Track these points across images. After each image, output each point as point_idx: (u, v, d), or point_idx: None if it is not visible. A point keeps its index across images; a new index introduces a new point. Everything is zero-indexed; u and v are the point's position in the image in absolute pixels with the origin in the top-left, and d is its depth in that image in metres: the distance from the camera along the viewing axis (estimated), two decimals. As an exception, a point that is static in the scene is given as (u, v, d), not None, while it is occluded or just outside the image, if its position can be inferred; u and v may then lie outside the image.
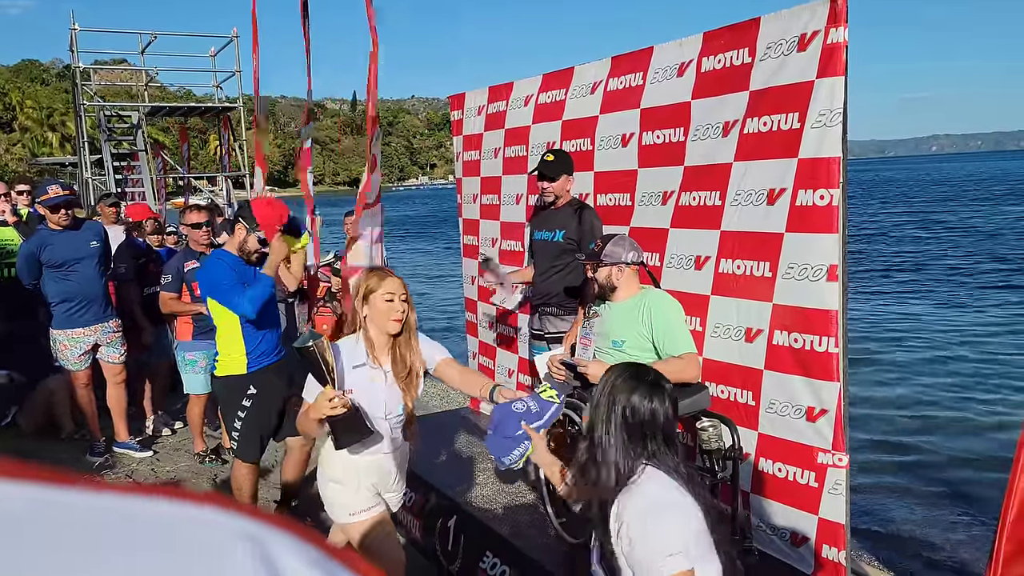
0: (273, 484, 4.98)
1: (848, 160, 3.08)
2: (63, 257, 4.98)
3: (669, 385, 2.12)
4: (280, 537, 0.44)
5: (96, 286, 5.14)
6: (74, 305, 5.05)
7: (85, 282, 5.06)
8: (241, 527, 0.44)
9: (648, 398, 2.06)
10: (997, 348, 9.39)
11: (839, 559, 3.20)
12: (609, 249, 3.45)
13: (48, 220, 5.02)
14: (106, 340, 5.21)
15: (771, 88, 3.32)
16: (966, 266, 16.26)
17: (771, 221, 3.33)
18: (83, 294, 5.06)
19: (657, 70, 3.99)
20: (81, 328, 5.09)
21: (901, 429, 6.75)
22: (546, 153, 4.27)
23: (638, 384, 2.09)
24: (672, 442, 2.09)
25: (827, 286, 3.12)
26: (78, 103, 13.87)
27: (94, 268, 5.11)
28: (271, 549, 0.43)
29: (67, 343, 5.09)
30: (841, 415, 3.14)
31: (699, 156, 3.74)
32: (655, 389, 2.08)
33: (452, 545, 3.91)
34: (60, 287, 5.03)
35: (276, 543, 0.43)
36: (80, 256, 5.03)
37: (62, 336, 5.08)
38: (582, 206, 4.26)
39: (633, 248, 3.46)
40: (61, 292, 5.03)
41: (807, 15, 3.15)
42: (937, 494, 5.29)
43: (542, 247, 4.38)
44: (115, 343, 5.26)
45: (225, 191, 14.61)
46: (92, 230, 5.23)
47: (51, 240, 4.99)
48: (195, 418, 5.28)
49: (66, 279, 5.01)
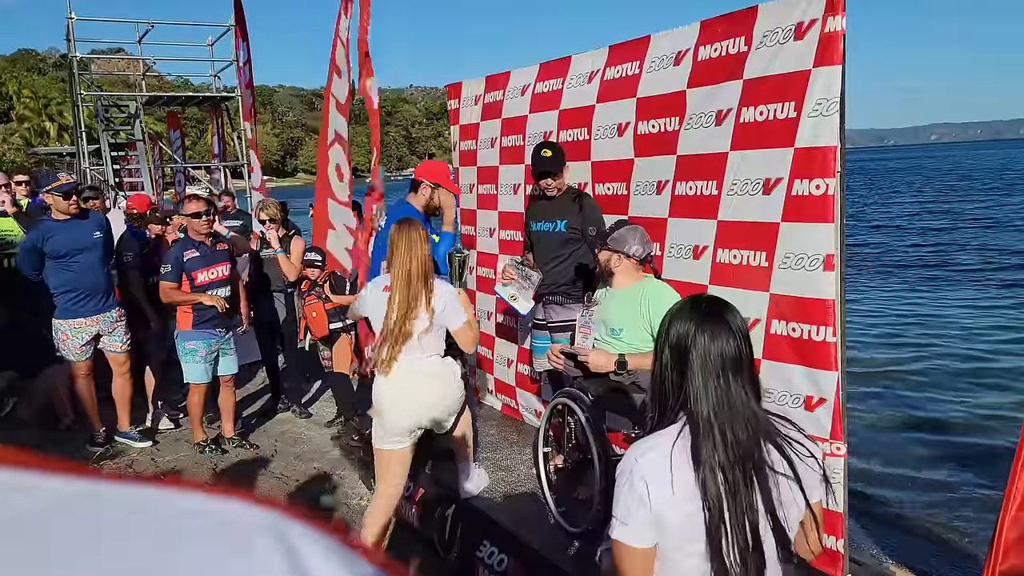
0: (272, 473, 5.01)
1: (846, 149, 3.07)
2: (66, 247, 5.00)
3: (738, 321, 1.69)
4: (300, 529, 0.45)
5: (99, 276, 5.16)
6: (76, 295, 5.06)
7: (88, 272, 5.08)
8: (264, 520, 0.45)
9: (699, 327, 1.65)
10: (1006, 339, 9.40)
11: (838, 547, 3.21)
12: (617, 235, 3.46)
13: (55, 208, 5.03)
14: (108, 330, 5.22)
15: (768, 77, 3.31)
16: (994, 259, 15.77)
17: (767, 210, 3.33)
18: (85, 284, 5.07)
19: (654, 59, 3.97)
20: (83, 318, 5.10)
21: (901, 417, 6.77)
22: (542, 148, 4.22)
23: (691, 311, 1.70)
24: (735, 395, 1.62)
25: (824, 275, 3.12)
26: (75, 93, 13.81)
27: (97, 258, 5.13)
28: (293, 540, 0.44)
29: (68, 333, 5.10)
30: (839, 404, 3.15)
31: (692, 145, 3.73)
32: (707, 319, 1.66)
33: (449, 534, 3.92)
34: (63, 277, 5.04)
35: (297, 535, 0.45)
36: (83, 246, 5.05)
37: (64, 326, 5.09)
38: (580, 194, 4.27)
39: (640, 243, 3.45)
40: (64, 282, 5.05)
41: (804, 3, 3.13)
42: (937, 483, 5.31)
43: (543, 238, 4.37)
44: (117, 333, 5.28)
45: (223, 181, 14.57)
46: (96, 220, 5.26)
47: (54, 231, 5.01)
48: (195, 408, 5.29)
49: (68, 269, 5.03)
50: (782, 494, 1.61)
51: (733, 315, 1.68)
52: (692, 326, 1.65)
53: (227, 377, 5.34)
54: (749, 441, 1.60)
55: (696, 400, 1.62)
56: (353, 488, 4.83)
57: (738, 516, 1.56)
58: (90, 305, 5.11)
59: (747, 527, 1.55)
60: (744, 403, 1.62)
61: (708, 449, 1.58)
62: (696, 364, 1.62)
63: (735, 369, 1.62)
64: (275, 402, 6.34)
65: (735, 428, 1.59)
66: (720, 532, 1.55)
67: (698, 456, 1.58)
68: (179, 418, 5.99)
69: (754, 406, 1.63)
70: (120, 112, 14.80)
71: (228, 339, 5.28)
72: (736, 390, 1.62)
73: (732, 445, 1.58)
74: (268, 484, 4.82)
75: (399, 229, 3.42)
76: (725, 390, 1.61)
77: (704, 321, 1.65)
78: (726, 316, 1.67)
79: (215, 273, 5.13)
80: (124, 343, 5.33)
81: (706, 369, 1.62)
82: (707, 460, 1.57)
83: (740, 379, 1.63)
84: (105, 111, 14.20)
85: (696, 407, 1.61)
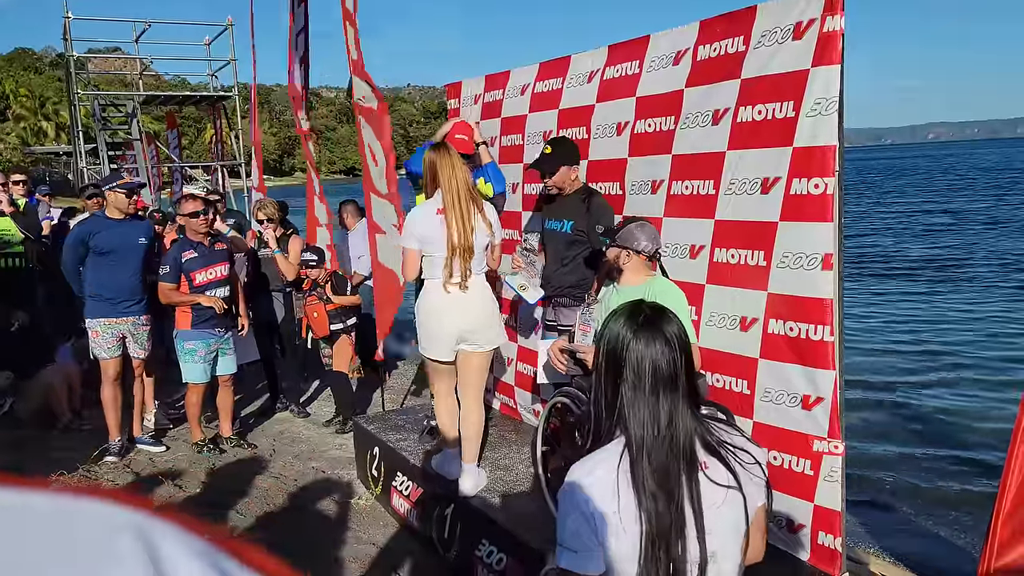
0: (271, 472, 5.00)
1: (844, 148, 3.08)
2: (111, 245, 5.05)
3: (673, 329, 1.62)
4: (165, 528, 0.45)
5: (136, 280, 5.20)
6: (112, 294, 5.10)
7: (126, 274, 5.12)
8: (126, 519, 0.44)
9: (635, 336, 1.60)
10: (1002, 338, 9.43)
11: (835, 546, 3.22)
12: (625, 231, 3.44)
13: (113, 206, 5.10)
14: (134, 332, 5.23)
15: (766, 76, 3.31)
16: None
17: (765, 210, 3.33)
18: (122, 285, 5.11)
19: (653, 59, 3.97)
20: (115, 318, 5.12)
21: (898, 416, 6.79)
22: (545, 145, 4.21)
23: (628, 319, 1.64)
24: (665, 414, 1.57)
25: (822, 275, 3.12)
26: (72, 92, 13.80)
27: (138, 262, 5.18)
28: (155, 539, 0.43)
29: (99, 330, 5.11)
30: (837, 403, 3.15)
31: (688, 145, 3.73)
32: (644, 326, 1.61)
33: (448, 533, 3.93)
34: (101, 275, 5.08)
35: (160, 534, 0.44)
36: (128, 248, 5.11)
37: (96, 324, 5.11)
38: (590, 194, 4.15)
39: (650, 238, 3.44)
40: (101, 280, 5.08)
41: (803, 3, 3.13)
42: (934, 482, 5.32)
43: (552, 236, 4.32)
44: (141, 337, 5.28)
45: (221, 180, 14.56)
46: (144, 228, 5.34)
47: (104, 227, 5.07)
48: (193, 407, 5.29)
49: (109, 267, 5.07)
50: (721, 510, 1.56)
51: (670, 324, 1.62)
52: (628, 332, 1.61)
53: (226, 377, 5.34)
54: (681, 462, 1.55)
55: (629, 420, 1.58)
56: (351, 487, 4.83)
57: (670, 543, 1.51)
58: (123, 307, 5.14)
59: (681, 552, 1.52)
60: (677, 421, 1.57)
61: (643, 473, 1.53)
62: (630, 378, 1.59)
63: (667, 383, 1.58)
64: (273, 402, 6.34)
65: (667, 451, 1.55)
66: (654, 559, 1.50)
67: (636, 480, 1.52)
68: (177, 417, 5.99)
69: (689, 422, 1.58)
70: (117, 111, 14.79)
71: (227, 339, 5.28)
72: (669, 407, 1.57)
73: (660, 470, 1.53)
74: (266, 484, 4.82)
75: (438, 152, 3.55)
76: (655, 410, 1.57)
77: (640, 328, 1.61)
78: (662, 325, 1.61)
79: (214, 273, 5.13)
80: (146, 349, 5.35)
81: (638, 386, 1.58)
82: (644, 484, 1.52)
83: (674, 394, 1.58)
84: (102, 110, 14.19)
85: (630, 427, 1.57)
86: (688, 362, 1.62)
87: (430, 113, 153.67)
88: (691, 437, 1.57)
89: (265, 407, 6.37)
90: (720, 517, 1.56)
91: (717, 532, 1.55)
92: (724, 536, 1.57)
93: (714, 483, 1.57)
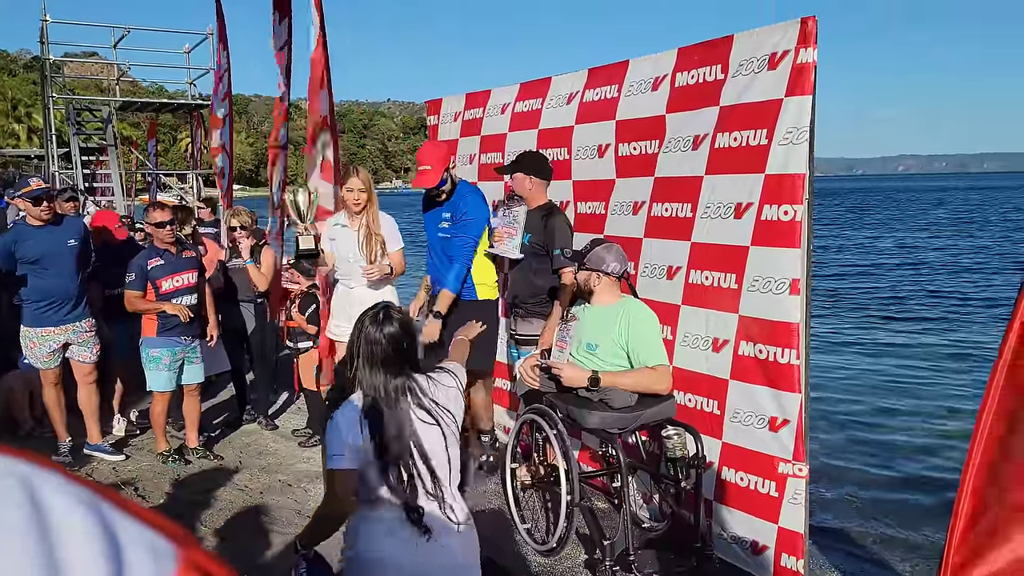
0: (236, 484, 4.94)
1: (816, 177, 3.16)
2: (39, 253, 4.86)
3: (395, 324, 2.35)
4: (48, 476, 0.46)
5: (71, 284, 5.02)
6: (47, 303, 4.93)
7: (60, 280, 4.95)
8: (7, 466, 0.45)
9: (371, 322, 2.35)
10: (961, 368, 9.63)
11: (798, 568, 3.26)
12: (594, 255, 3.50)
13: (28, 215, 4.91)
14: (77, 339, 5.09)
15: (741, 104, 3.40)
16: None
17: (738, 234, 3.40)
18: (56, 292, 4.94)
19: (632, 83, 4.05)
20: (52, 327, 4.97)
21: (861, 440, 6.88)
22: (522, 152, 4.42)
23: (371, 313, 2.39)
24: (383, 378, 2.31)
25: (790, 299, 3.19)
26: (47, 95, 13.64)
27: (71, 266, 5.00)
28: (37, 486, 0.44)
29: (36, 341, 4.97)
30: (802, 426, 3.21)
31: (669, 168, 3.80)
32: (374, 319, 2.35)
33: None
34: (33, 283, 4.91)
35: (43, 482, 0.45)
36: (57, 253, 4.92)
37: (31, 333, 4.96)
38: (551, 212, 4.32)
39: (617, 259, 3.50)
40: (35, 289, 4.92)
41: (778, 35, 3.23)
42: (898, 505, 5.40)
43: None
44: (87, 343, 5.15)
45: (195, 188, 14.44)
46: (72, 228, 5.12)
47: (27, 235, 4.88)
48: (158, 417, 5.20)
49: (40, 276, 4.90)
50: (432, 437, 2.31)
51: (391, 320, 2.34)
52: (368, 320, 2.34)
53: (192, 386, 5.26)
54: (395, 412, 2.27)
55: (362, 381, 2.31)
56: (318, 501, 4.78)
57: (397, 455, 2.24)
58: (60, 314, 4.98)
59: (403, 465, 2.24)
60: (392, 381, 2.30)
61: (372, 414, 2.26)
62: (363, 352, 2.31)
63: (386, 359, 2.30)
64: (241, 413, 6.26)
65: (386, 400, 2.29)
66: (387, 468, 2.22)
67: (369, 417, 2.26)
68: (146, 425, 5.88)
69: (400, 382, 2.31)
70: (92, 116, 14.63)
71: (194, 347, 5.20)
72: (387, 373, 2.30)
73: (386, 415, 2.26)
74: (231, 495, 4.75)
75: None
76: (380, 376, 2.30)
77: (373, 320, 2.33)
78: (389, 321, 2.34)
79: (180, 281, 5.06)
80: (94, 353, 5.21)
81: (369, 357, 2.31)
82: (371, 418, 2.26)
83: (393, 365, 2.31)
84: (77, 115, 14.03)
85: (364, 384, 2.31)
86: (411, 340, 2.40)
87: (409, 128, 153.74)
88: (403, 389, 2.33)
89: (232, 418, 6.29)
90: (428, 435, 2.31)
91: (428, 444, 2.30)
92: (433, 444, 2.31)
93: (422, 421, 2.32)
